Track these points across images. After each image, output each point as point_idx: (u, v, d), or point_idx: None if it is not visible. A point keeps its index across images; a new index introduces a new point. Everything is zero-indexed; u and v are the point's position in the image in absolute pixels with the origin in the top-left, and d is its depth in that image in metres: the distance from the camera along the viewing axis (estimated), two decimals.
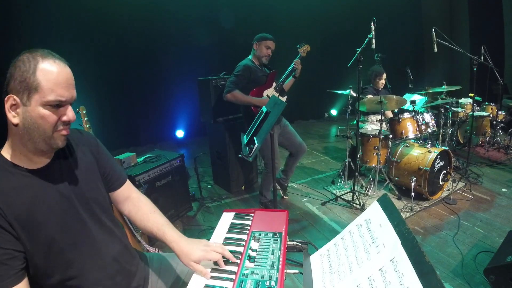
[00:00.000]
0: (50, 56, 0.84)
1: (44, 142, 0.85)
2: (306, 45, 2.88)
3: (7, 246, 0.80)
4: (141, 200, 1.18)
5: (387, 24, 5.93)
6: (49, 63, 0.83)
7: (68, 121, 0.87)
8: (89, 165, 1.03)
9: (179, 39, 5.43)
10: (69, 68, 0.87)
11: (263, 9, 6.07)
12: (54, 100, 0.82)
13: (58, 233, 0.88)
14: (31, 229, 0.84)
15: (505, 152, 4.21)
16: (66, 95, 0.85)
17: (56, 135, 0.86)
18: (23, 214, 0.83)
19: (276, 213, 1.22)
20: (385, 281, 0.67)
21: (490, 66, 3.66)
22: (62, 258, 0.89)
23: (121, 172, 1.17)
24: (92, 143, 1.08)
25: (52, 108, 0.83)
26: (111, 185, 1.12)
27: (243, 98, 2.70)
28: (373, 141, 3.14)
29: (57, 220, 0.89)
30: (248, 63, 2.78)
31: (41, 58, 0.82)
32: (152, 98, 5.50)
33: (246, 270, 0.91)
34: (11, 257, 0.80)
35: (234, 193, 3.43)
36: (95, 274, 0.96)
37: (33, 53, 0.83)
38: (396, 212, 0.82)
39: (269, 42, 2.77)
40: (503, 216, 2.70)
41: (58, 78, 0.83)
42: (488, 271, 1.79)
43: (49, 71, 0.82)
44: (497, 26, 6.24)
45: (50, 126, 0.84)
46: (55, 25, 4.37)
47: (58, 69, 0.83)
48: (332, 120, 7.56)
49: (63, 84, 0.84)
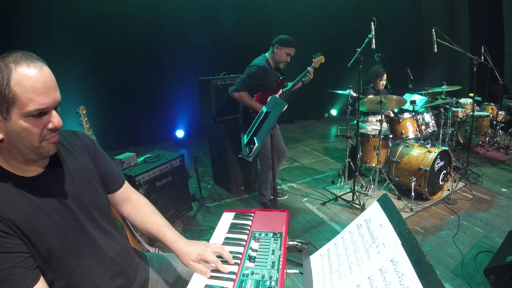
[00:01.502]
0: (23, 60, 0.76)
1: (33, 153, 0.81)
2: (321, 56, 2.78)
3: (17, 249, 0.78)
4: (140, 201, 1.17)
5: (387, 24, 5.93)
6: (23, 69, 0.75)
7: (54, 128, 0.81)
8: (87, 169, 1.00)
9: (179, 39, 5.43)
10: (48, 68, 0.80)
11: (263, 9, 6.07)
12: (34, 110, 0.76)
13: (59, 242, 0.86)
14: (32, 239, 0.82)
15: (505, 152, 4.21)
16: (47, 101, 0.78)
17: (45, 144, 0.82)
18: (23, 225, 0.80)
19: (276, 213, 1.22)
20: (385, 281, 0.67)
21: (490, 66, 3.66)
22: (64, 266, 0.88)
23: (120, 173, 1.16)
24: (89, 145, 1.05)
25: (34, 118, 0.77)
26: (110, 187, 1.11)
27: (248, 101, 2.63)
28: (373, 141, 3.14)
29: (57, 229, 0.87)
30: (265, 65, 2.64)
31: (14, 65, 0.75)
32: (152, 98, 5.50)
33: (246, 270, 0.91)
34: (24, 259, 0.79)
35: (234, 193, 3.43)
36: (96, 279, 0.96)
37: (5, 60, 0.75)
38: (396, 212, 0.82)
39: (291, 50, 2.65)
40: (503, 216, 2.70)
41: (35, 84, 0.75)
42: (488, 271, 1.79)
43: (24, 80, 0.74)
44: (497, 26, 6.24)
45: (36, 137, 0.79)
46: (55, 25, 4.37)
47: (34, 75, 0.76)
48: (332, 120, 7.56)
49: (41, 90, 0.76)
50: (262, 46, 2.95)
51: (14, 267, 0.77)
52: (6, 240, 0.77)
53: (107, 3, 4.73)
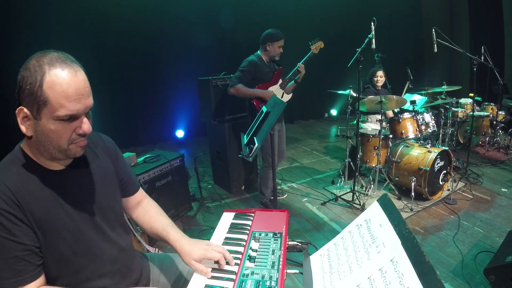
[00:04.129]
0: (58, 62, 0.75)
1: (60, 153, 0.83)
2: (319, 41, 2.80)
3: (27, 242, 0.79)
4: (150, 204, 1.21)
5: (387, 24, 5.93)
6: (57, 73, 0.74)
7: (83, 134, 0.82)
8: (108, 171, 1.02)
9: (179, 39, 5.43)
10: (83, 72, 0.79)
11: (263, 9, 6.07)
12: (64, 116, 0.76)
13: (72, 238, 0.87)
14: (47, 232, 0.83)
15: (505, 152, 4.21)
16: (78, 108, 0.78)
17: (72, 147, 0.82)
18: (42, 216, 0.81)
19: (276, 213, 1.22)
20: (385, 281, 0.67)
21: (490, 66, 3.66)
22: (72, 263, 0.89)
23: (136, 179, 1.19)
24: (111, 148, 1.08)
25: (64, 122, 0.78)
26: (126, 191, 1.13)
27: (246, 91, 2.71)
28: (373, 141, 3.14)
29: (73, 226, 0.87)
30: (254, 59, 2.76)
31: (48, 67, 0.74)
32: (152, 98, 5.50)
33: (246, 270, 0.91)
34: (31, 253, 0.80)
35: (234, 193, 3.43)
36: (102, 278, 0.96)
37: (40, 60, 0.75)
38: (396, 212, 0.82)
39: (282, 42, 2.74)
40: (503, 216, 2.70)
41: (68, 90, 0.75)
42: (488, 271, 1.79)
43: (58, 84, 0.74)
44: (497, 26, 6.24)
45: (65, 140, 0.80)
46: (55, 25, 4.36)
47: (67, 80, 0.75)
48: (332, 120, 7.56)
49: (73, 97, 0.76)
50: None
51: (21, 258, 0.78)
52: (19, 229, 0.78)
53: (107, 3, 4.73)
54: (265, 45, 2.75)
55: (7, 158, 0.85)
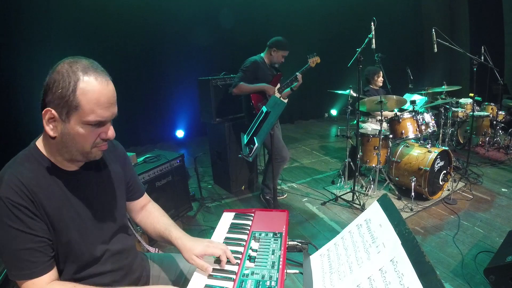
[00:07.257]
0: (91, 71, 0.80)
1: (81, 155, 0.86)
2: (316, 56, 2.91)
3: (42, 234, 0.82)
4: (154, 206, 1.24)
5: (387, 24, 5.92)
6: (91, 81, 0.79)
7: (108, 139, 0.87)
8: (117, 175, 1.05)
9: (179, 39, 5.43)
10: (112, 83, 0.84)
11: (263, 9, 6.07)
12: (94, 121, 0.81)
13: (79, 239, 0.89)
14: (57, 228, 0.85)
15: (505, 152, 4.21)
16: (107, 115, 0.83)
17: (94, 150, 0.87)
18: (53, 213, 0.84)
19: (276, 213, 1.22)
20: (385, 281, 0.68)
21: (490, 66, 3.66)
22: (78, 260, 0.91)
23: (141, 183, 1.21)
24: (121, 153, 1.11)
25: (91, 127, 0.82)
26: (131, 195, 1.15)
27: (249, 88, 2.75)
28: (373, 141, 3.14)
29: (80, 225, 0.90)
30: (257, 60, 2.82)
31: (82, 74, 0.78)
32: (152, 98, 5.50)
33: (246, 270, 0.91)
34: (45, 244, 0.82)
35: (234, 193, 3.43)
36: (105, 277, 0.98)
37: (73, 66, 0.79)
38: (396, 212, 0.82)
39: (287, 52, 2.84)
40: (503, 216, 2.70)
41: (100, 98, 0.80)
42: (488, 271, 1.79)
43: (91, 91, 0.78)
44: (497, 26, 6.24)
45: (89, 143, 0.84)
46: (55, 25, 4.37)
47: (100, 89, 0.80)
48: (332, 120, 7.56)
49: (104, 105, 0.81)
50: (262, 46, 2.96)
51: (36, 250, 0.80)
52: (34, 222, 0.80)
53: (107, 3, 4.73)
54: (271, 49, 2.83)
55: (22, 154, 0.88)
